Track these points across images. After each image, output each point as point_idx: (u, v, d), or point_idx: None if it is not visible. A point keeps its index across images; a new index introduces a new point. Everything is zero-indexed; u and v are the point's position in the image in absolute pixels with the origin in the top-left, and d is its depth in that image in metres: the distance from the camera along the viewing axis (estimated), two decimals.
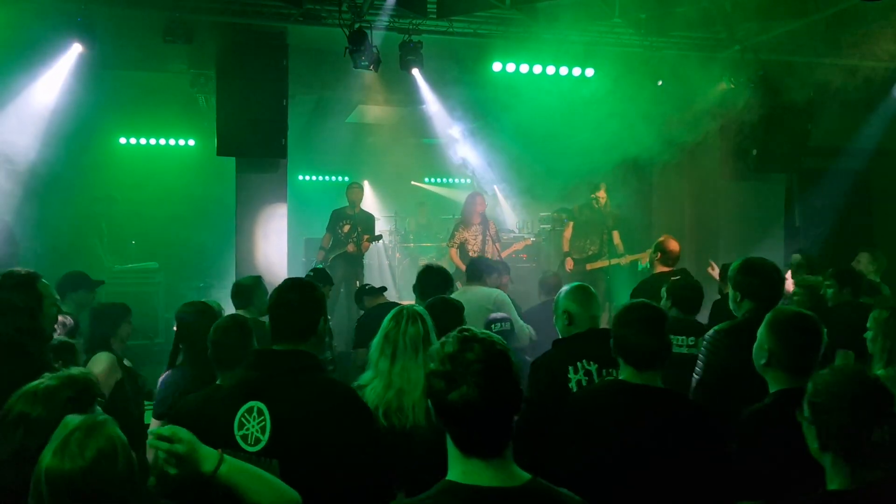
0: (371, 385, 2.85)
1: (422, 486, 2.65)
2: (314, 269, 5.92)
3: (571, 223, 8.89)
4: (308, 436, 2.32)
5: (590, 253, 8.65)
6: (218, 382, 3.24)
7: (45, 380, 2.25)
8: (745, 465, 2.53)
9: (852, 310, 4.84)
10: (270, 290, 2.84)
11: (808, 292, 5.06)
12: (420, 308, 3.00)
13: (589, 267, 8.56)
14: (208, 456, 1.92)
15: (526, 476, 1.72)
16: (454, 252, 8.38)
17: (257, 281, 5.08)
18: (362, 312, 5.81)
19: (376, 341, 2.93)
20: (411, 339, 2.87)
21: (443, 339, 1.77)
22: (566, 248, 8.68)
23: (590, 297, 3.50)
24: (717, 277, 6.36)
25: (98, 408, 2.32)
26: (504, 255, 8.74)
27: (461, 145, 10.69)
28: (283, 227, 8.07)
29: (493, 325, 4.82)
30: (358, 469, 2.35)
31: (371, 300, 5.74)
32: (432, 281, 4.55)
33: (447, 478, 1.73)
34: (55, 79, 7.40)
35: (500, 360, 1.69)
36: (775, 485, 2.46)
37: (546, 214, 11.22)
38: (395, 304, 3.85)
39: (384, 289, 5.90)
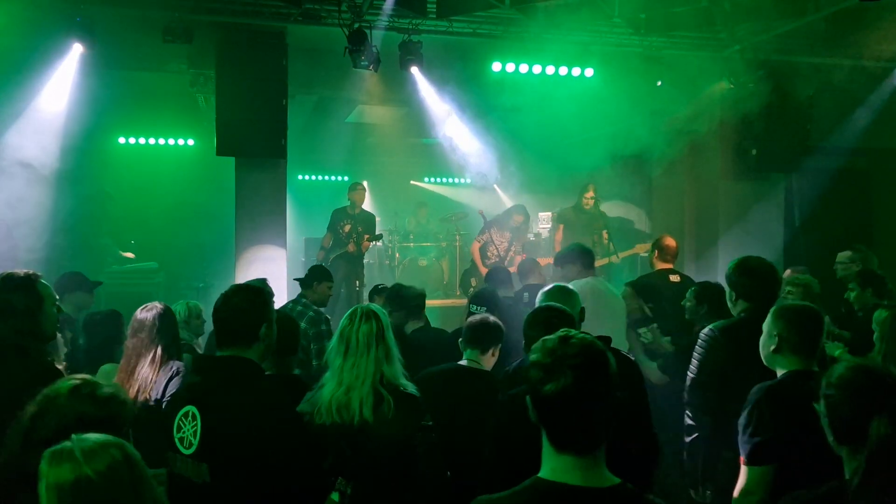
0: (327, 384, 2.91)
1: (372, 481, 2.76)
2: (312, 267, 5.88)
3: (562, 226, 8.97)
4: (235, 443, 2.39)
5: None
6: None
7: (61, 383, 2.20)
8: (759, 432, 2.63)
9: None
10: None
11: (802, 290, 5.09)
12: (375, 306, 3.05)
13: None
14: None
15: (615, 479, 1.74)
16: (477, 246, 8.56)
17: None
18: None
19: (333, 341, 2.98)
20: (364, 335, 2.90)
21: (546, 336, 1.83)
22: (558, 250, 8.72)
23: (569, 298, 3.44)
24: None
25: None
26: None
27: (461, 144, 10.69)
28: (283, 227, 8.07)
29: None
30: (286, 476, 2.42)
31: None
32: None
33: (538, 475, 1.75)
34: (55, 79, 7.40)
35: (598, 357, 1.74)
36: (786, 452, 2.58)
37: (546, 214, 11.24)
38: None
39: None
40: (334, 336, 2.99)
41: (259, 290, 2.72)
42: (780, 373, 2.83)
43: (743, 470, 2.68)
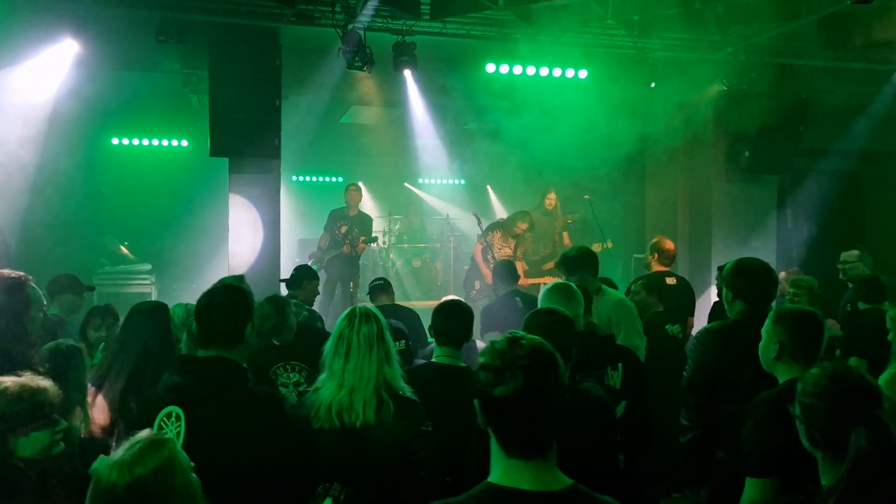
0: (325, 386, 2.83)
1: (368, 486, 2.71)
2: (298, 267, 5.87)
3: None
4: (221, 446, 2.37)
5: (543, 254, 8.95)
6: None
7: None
8: (761, 446, 2.61)
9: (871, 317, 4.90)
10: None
11: (808, 292, 5.10)
12: (372, 307, 2.99)
13: (545, 267, 8.98)
14: None
15: (567, 481, 1.71)
16: (480, 248, 8.62)
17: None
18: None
19: (330, 342, 2.90)
20: (365, 336, 2.83)
21: (494, 339, 1.81)
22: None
23: (571, 297, 3.41)
24: None
25: (61, 421, 2.34)
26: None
27: (455, 146, 10.70)
28: (277, 228, 8.05)
29: None
30: (274, 480, 2.40)
31: None
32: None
33: (488, 479, 1.73)
34: (47, 79, 7.36)
35: (547, 358, 1.72)
36: (788, 463, 2.54)
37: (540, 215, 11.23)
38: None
39: None
40: (332, 337, 2.91)
41: (244, 290, 2.71)
42: (780, 380, 2.81)
43: (749, 483, 2.63)
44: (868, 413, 1.97)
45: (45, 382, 2.43)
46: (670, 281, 5.98)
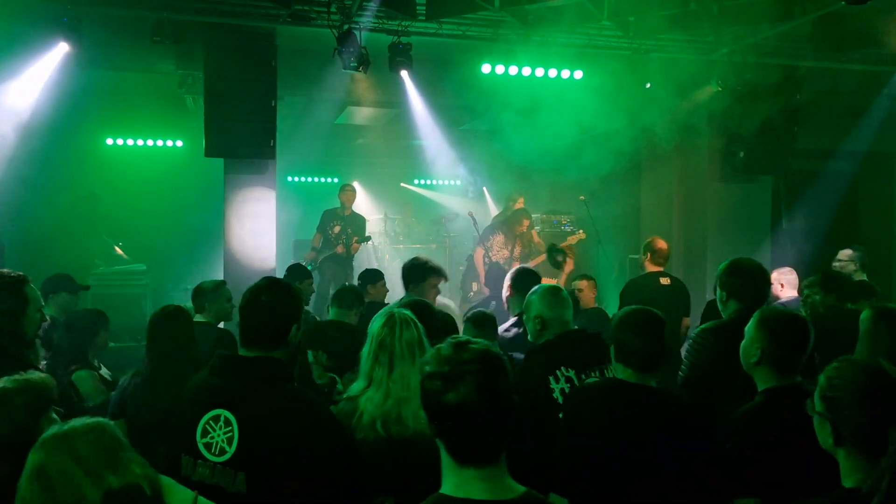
0: (366, 395, 2.67)
1: (420, 496, 2.60)
2: (291, 266, 5.84)
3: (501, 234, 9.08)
4: (277, 450, 2.23)
5: (508, 255, 9.07)
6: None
7: (2, 382, 2.24)
8: (739, 462, 2.55)
9: (835, 316, 4.88)
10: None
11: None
12: (408, 312, 2.82)
13: (532, 264, 8.93)
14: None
15: (520, 489, 1.68)
16: (481, 253, 8.63)
17: (218, 286, 5.03)
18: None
19: (369, 349, 2.74)
20: (408, 343, 2.69)
21: (437, 344, 1.76)
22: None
23: (562, 300, 3.40)
24: None
25: (53, 414, 2.32)
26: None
27: (450, 147, 10.70)
28: (272, 229, 8.04)
29: None
30: (327, 484, 2.27)
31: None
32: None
33: (440, 491, 1.69)
34: (41, 79, 7.34)
35: (496, 362, 1.67)
36: (771, 481, 2.49)
37: (537, 216, 11.24)
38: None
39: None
40: (370, 344, 2.74)
41: (291, 288, 2.57)
42: (759, 387, 2.74)
43: None
44: None
45: (39, 375, 2.43)
46: (664, 281, 5.99)
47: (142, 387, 3.64)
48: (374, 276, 5.74)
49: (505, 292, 4.66)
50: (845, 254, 6.28)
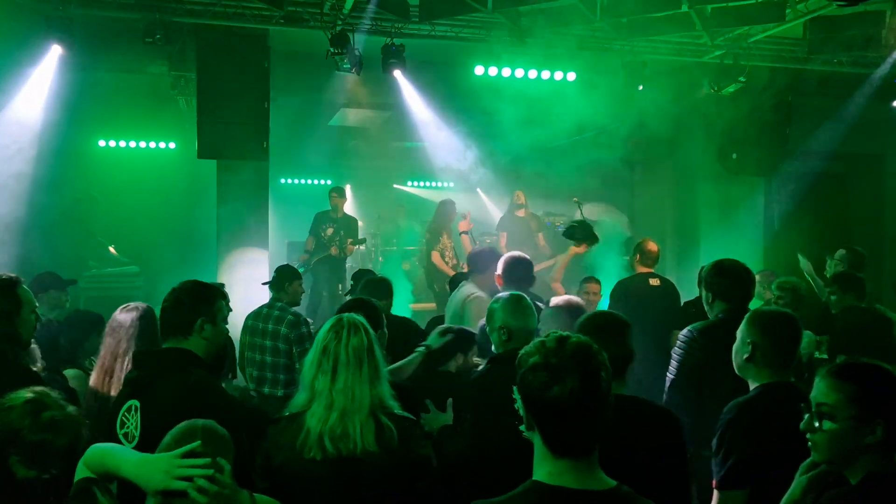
0: (310, 410, 2.44)
1: None
2: (279, 268, 5.74)
3: (505, 234, 9.03)
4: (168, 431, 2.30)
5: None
6: None
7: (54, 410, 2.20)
8: (731, 456, 2.54)
9: (857, 315, 4.92)
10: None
11: (791, 294, 5.13)
12: (359, 317, 2.61)
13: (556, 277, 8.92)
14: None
15: (611, 482, 1.71)
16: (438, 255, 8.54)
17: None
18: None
19: (312, 357, 2.53)
20: (354, 350, 2.47)
21: (537, 338, 1.78)
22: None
23: (526, 310, 3.25)
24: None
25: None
26: None
27: (443, 148, 10.70)
28: (265, 231, 8.03)
29: None
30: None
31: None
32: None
33: (533, 477, 1.72)
34: (33, 80, 7.32)
35: (599, 356, 1.72)
36: (762, 474, 2.50)
37: None
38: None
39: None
40: (313, 351, 2.55)
41: (205, 286, 2.76)
42: (752, 385, 2.72)
43: (716, 496, 2.55)
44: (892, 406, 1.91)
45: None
46: (654, 282, 5.99)
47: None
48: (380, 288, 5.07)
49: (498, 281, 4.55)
50: (839, 253, 6.34)
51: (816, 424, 2.00)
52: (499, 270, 4.56)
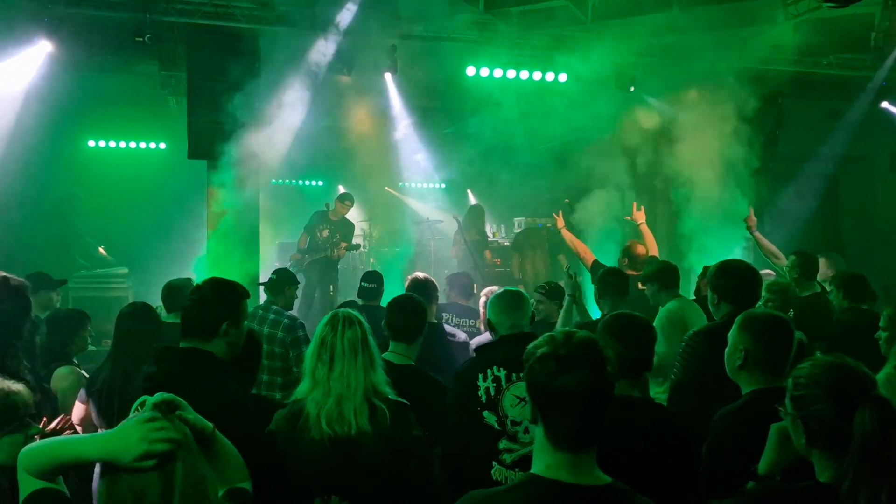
0: (311, 396, 2.68)
1: (369, 495, 2.61)
2: (278, 271, 5.70)
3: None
4: None
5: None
6: None
7: None
8: (719, 463, 2.51)
9: (856, 315, 4.93)
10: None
11: (780, 296, 5.12)
12: (354, 312, 2.86)
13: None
14: None
15: (607, 478, 1.72)
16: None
17: (186, 284, 5.00)
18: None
19: (312, 349, 2.76)
20: (349, 342, 2.71)
21: (548, 332, 1.80)
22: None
23: (512, 304, 3.29)
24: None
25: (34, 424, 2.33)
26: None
27: (435, 149, 10.70)
28: (256, 232, 7.99)
29: None
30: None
31: None
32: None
33: (531, 471, 1.73)
34: (22, 80, 7.27)
35: (604, 351, 1.74)
36: (748, 483, 2.41)
37: (521, 219, 11.24)
38: None
39: None
40: (313, 344, 2.77)
41: (233, 286, 2.71)
42: (743, 391, 2.67)
43: None
44: (871, 397, 1.86)
45: (16, 385, 2.38)
46: (642, 286, 5.98)
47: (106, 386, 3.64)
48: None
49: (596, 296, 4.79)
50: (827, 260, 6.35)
51: None
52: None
